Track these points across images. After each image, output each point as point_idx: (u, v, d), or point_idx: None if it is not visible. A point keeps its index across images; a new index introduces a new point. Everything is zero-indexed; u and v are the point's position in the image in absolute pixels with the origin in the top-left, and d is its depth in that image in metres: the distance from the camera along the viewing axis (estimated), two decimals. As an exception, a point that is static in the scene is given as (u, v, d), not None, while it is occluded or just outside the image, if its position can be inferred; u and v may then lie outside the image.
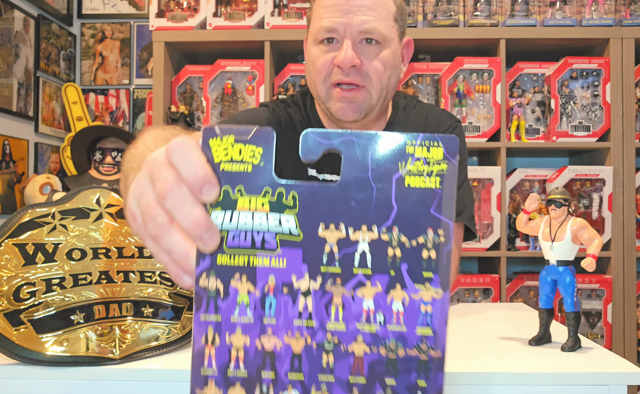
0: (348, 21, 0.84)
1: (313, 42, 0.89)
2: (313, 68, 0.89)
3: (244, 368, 0.36)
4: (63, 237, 0.56)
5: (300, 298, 0.36)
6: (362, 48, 0.86)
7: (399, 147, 0.36)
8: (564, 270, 0.59)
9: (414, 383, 0.36)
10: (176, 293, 0.59)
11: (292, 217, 0.36)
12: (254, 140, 0.36)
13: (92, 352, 0.52)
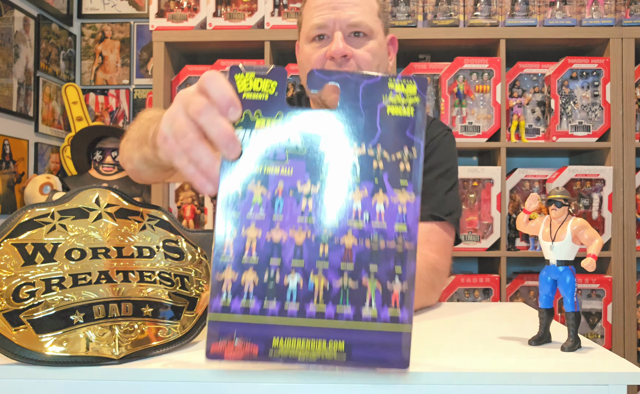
0: (336, 16, 0.92)
1: (305, 41, 0.97)
2: (308, 64, 0.95)
3: (255, 255, 0.45)
4: (62, 237, 0.56)
5: (303, 200, 0.45)
6: (351, 40, 0.93)
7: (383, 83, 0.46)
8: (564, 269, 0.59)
9: (392, 269, 0.45)
10: (176, 293, 0.59)
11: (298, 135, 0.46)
12: (271, 75, 0.46)
13: (92, 352, 0.52)
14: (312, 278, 0.45)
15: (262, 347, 0.46)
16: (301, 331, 0.45)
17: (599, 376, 0.51)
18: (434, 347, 0.61)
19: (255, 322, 0.45)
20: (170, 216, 0.63)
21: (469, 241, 1.91)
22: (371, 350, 0.46)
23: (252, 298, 0.45)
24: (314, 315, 0.45)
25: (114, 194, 0.61)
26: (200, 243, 0.65)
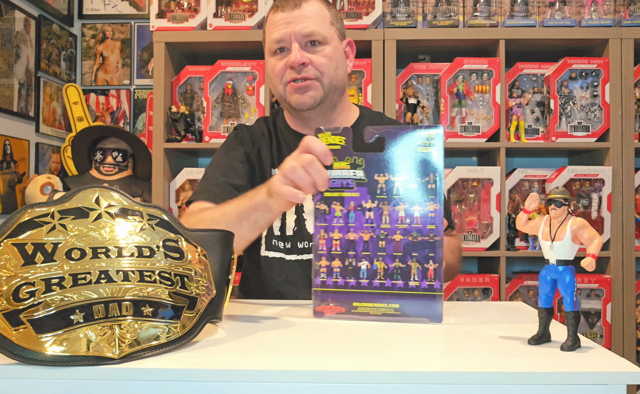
0: (292, 30, 1.04)
1: (269, 55, 1.09)
2: (272, 74, 1.09)
3: (339, 249, 0.73)
4: (62, 237, 0.56)
5: (367, 212, 0.73)
6: (307, 49, 1.05)
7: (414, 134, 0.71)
8: (564, 269, 0.59)
9: (427, 254, 0.71)
10: (176, 293, 0.59)
11: (361, 171, 0.73)
12: (341, 133, 0.74)
13: (92, 352, 0.52)
14: (375, 263, 0.72)
15: (346, 308, 0.73)
16: (370, 297, 0.72)
17: (599, 376, 0.51)
18: (434, 347, 0.61)
19: (341, 291, 0.73)
20: (170, 216, 0.63)
21: (469, 241, 1.92)
22: (416, 309, 0.71)
23: (338, 276, 0.73)
24: (378, 286, 0.72)
25: (114, 194, 0.61)
26: (200, 242, 0.65)
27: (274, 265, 1.06)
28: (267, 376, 0.52)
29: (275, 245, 1.07)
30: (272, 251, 1.08)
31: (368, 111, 1.21)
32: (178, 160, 2.06)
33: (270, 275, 1.06)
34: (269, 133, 1.15)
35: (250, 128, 1.17)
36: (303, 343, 0.62)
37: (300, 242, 1.06)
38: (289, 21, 1.04)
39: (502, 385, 0.51)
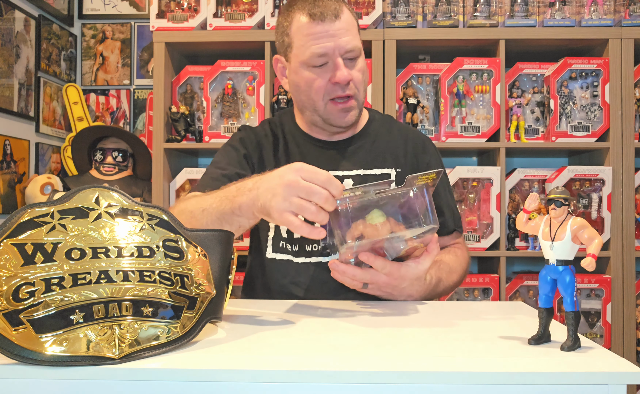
0: (335, 44, 1.01)
1: (302, 66, 1.05)
2: (310, 89, 1.05)
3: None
4: (62, 237, 0.56)
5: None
6: (347, 64, 1.03)
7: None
8: (564, 269, 0.59)
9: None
10: (176, 293, 0.59)
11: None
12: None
13: (92, 352, 0.52)
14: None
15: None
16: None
17: (599, 376, 0.51)
18: (434, 347, 0.61)
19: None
20: (170, 216, 0.63)
21: (469, 241, 1.91)
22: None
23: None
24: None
25: (114, 194, 0.61)
26: (200, 242, 0.65)
27: (281, 267, 1.05)
28: (267, 376, 0.52)
29: (284, 247, 1.06)
30: (280, 254, 1.06)
31: (378, 114, 1.20)
32: (178, 160, 2.06)
33: (276, 277, 1.05)
34: (273, 135, 1.14)
35: (254, 130, 1.16)
36: (303, 343, 0.62)
37: (308, 245, 1.05)
38: (332, 34, 1.00)
39: (502, 385, 0.51)
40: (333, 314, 0.80)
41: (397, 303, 0.91)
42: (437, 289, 0.97)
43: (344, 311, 0.82)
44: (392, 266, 0.86)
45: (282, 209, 0.75)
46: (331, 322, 0.74)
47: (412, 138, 1.15)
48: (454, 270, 1.03)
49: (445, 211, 1.11)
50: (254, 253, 1.11)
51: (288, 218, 0.75)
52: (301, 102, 1.09)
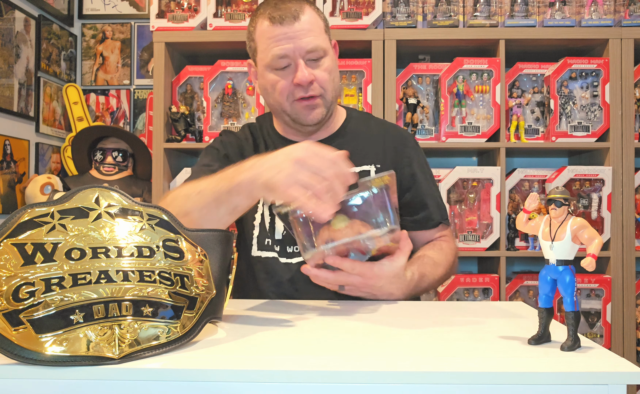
0: (295, 46, 1.01)
1: (267, 69, 1.05)
2: (274, 91, 1.06)
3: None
4: (62, 237, 0.56)
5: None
6: (310, 64, 1.03)
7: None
8: (564, 269, 0.59)
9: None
10: (176, 293, 0.59)
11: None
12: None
13: (92, 352, 0.52)
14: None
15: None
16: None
17: (599, 376, 0.51)
18: (434, 347, 0.61)
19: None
20: (170, 216, 0.63)
21: (469, 241, 1.91)
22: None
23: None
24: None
25: (114, 194, 0.61)
26: (200, 242, 0.65)
27: (268, 265, 1.05)
28: (267, 376, 0.52)
29: (269, 245, 1.06)
30: (266, 251, 1.06)
31: (356, 112, 1.20)
32: (178, 160, 2.06)
33: (265, 276, 1.05)
34: (253, 139, 1.15)
35: (235, 134, 1.17)
36: (303, 343, 0.62)
37: (289, 246, 1.05)
38: (291, 36, 1.01)
39: (502, 385, 0.51)
40: (333, 314, 0.80)
41: (397, 303, 0.91)
42: (422, 284, 0.97)
43: (344, 311, 0.82)
44: (363, 266, 0.87)
45: (289, 183, 0.73)
46: (331, 322, 0.74)
47: (392, 133, 1.15)
48: (438, 263, 1.03)
49: (429, 204, 1.10)
50: (240, 253, 1.11)
51: (294, 192, 0.73)
52: (270, 105, 1.11)
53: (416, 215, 1.09)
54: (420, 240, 1.09)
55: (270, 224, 1.07)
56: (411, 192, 1.10)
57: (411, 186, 1.11)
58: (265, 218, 1.08)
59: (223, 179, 0.84)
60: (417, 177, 1.11)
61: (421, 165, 1.14)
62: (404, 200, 1.09)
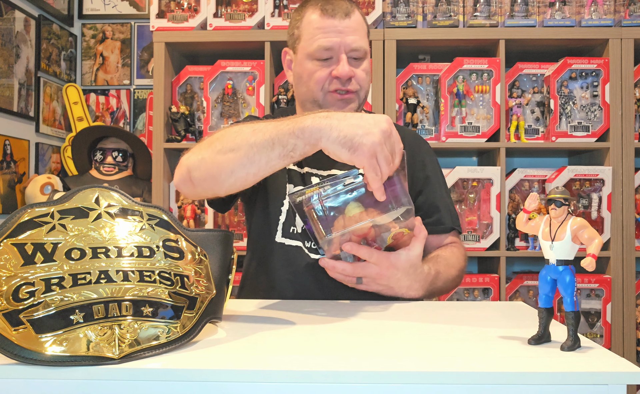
0: (342, 40, 1.03)
1: (307, 58, 1.06)
2: (310, 79, 1.06)
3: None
4: (62, 237, 0.56)
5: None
6: (351, 62, 1.05)
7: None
8: (564, 269, 0.59)
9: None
10: (176, 293, 0.59)
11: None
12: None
13: (92, 352, 0.52)
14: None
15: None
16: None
17: (599, 376, 0.51)
18: (434, 347, 0.61)
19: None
20: (170, 216, 0.63)
21: (469, 241, 1.91)
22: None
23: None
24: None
25: (114, 194, 0.61)
26: (200, 242, 0.65)
27: (290, 253, 1.03)
28: (267, 376, 0.52)
29: (294, 233, 1.05)
30: (290, 239, 1.05)
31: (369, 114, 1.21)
32: (178, 160, 2.06)
33: (283, 263, 1.03)
34: None
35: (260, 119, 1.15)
36: (303, 343, 0.62)
37: (307, 241, 1.04)
38: (340, 30, 1.03)
39: (502, 385, 0.51)
40: (333, 314, 0.80)
41: (397, 303, 0.91)
42: (437, 282, 0.97)
43: (344, 311, 0.82)
44: (380, 254, 0.87)
45: (374, 151, 0.75)
46: (331, 322, 0.74)
47: (408, 137, 1.16)
48: (452, 264, 1.03)
49: (441, 209, 1.10)
50: (258, 239, 1.09)
51: (375, 164, 0.76)
52: (302, 94, 1.10)
53: (428, 219, 1.09)
54: (431, 244, 1.08)
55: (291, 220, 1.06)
56: (423, 195, 1.11)
57: (424, 189, 1.11)
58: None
59: (285, 120, 0.81)
60: (431, 181, 1.12)
61: (435, 171, 1.15)
62: (416, 203, 1.09)
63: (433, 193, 1.11)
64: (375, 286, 0.90)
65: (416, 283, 0.91)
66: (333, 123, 0.77)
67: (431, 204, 1.10)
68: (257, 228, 1.11)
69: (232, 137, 0.84)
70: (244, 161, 0.81)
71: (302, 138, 0.78)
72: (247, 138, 0.81)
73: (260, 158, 0.80)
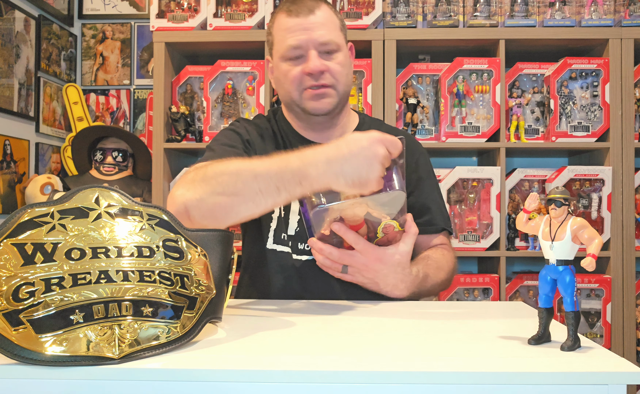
0: (309, 37, 1.04)
1: (281, 60, 1.08)
2: (286, 80, 1.08)
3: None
4: (62, 237, 0.56)
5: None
6: (323, 56, 1.06)
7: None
8: (564, 269, 0.59)
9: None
10: (176, 293, 0.59)
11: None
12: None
13: (92, 352, 0.52)
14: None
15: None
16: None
17: (599, 376, 0.51)
18: (434, 347, 0.61)
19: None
20: (170, 216, 0.63)
21: (469, 241, 1.92)
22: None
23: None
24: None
25: (114, 194, 0.61)
26: (200, 242, 0.65)
27: (282, 259, 1.05)
28: (267, 376, 0.52)
29: (284, 239, 1.07)
30: (280, 245, 1.07)
31: (368, 118, 1.22)
32: (178, 160, 2.06)
33: (277, 269, 1.05)
34: (271, 129, 1.15)
35: (253, 122, 1.17)
36: (303, 343, 0.62)
37: (300, 243, 1.06)
38: (305, 27, 1.04)
39: (502, 385, 0.51)
40: (333, 314, 0.80)
41: (397, 303, 0.91)
42: (425, 284, 0.98)
43: (344, 311, 0.82)
44: (367, 244, 0.89)
45: (378, 176, 0.81)
46: (331, 322, 0.74)
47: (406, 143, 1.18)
48: (441, 267, 1.04)
49: (432, 208, 1.11)
50: (252, 245, 1.11)
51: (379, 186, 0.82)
52: (283, 96, 1.12)
53: (419, 219, 1.09)
54: (421, 245, 1.09)
55: (285, 219, 1.08)
56: (415, 196, 1.11)
57: (415, 189, 1.12)
58: (282, 213, 1.09)
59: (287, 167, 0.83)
60: (423, 182, 1.13)
61: (428, 172, 1.16)
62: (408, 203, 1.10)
63: (425, 193, 1.12)
64: (360, 278, 0.91)
65: (402, 283, 0.92)
66: (337, 169, 0.80)
67: (423, 204, 1.11)
68: (251, 236, 1.13)
69: (232, 181, 0.85)
70: (249, 205, 0.84)
71: (308, 187, 0.83)
72: (251, 185, 0.83)
73: (267, 202, 0.84)
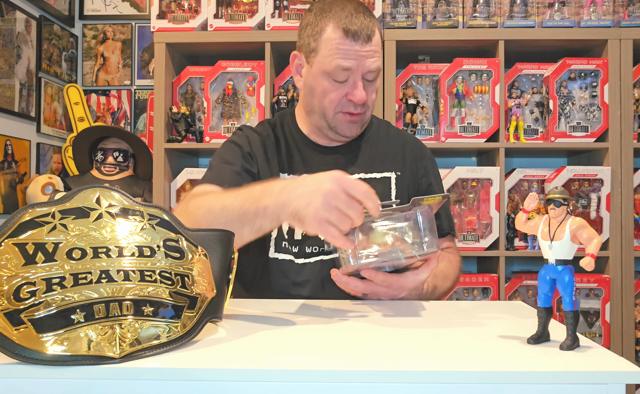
0: (361, 64, 1.02)
1: (323, 74, 1.04)
2: (324, 96, 1.06)
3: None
4: (63, 237, 0.56)
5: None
6: (365, 83, 1.05)
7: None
8: (563, 269, 0.60)
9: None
10: (176, 292, 0.59)
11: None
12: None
13: (93, 351, 0.52)
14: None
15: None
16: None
17: (598, 375, 0.52)
18: (434, 347, 0.61)
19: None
20: (171, 216, 0.63)
21: (468, 241, 1.92)
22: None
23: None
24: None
25: (114, 194, 0.61)
26: (200, 242, 0.65)
27: (283, 267, 1.06)
28: (267, 376, 0.52)
29: (286, 247, 1.07)
30: (282, 254, 1.07)
31: (376, 119, 1.22)
32: (179, 160, 2.06)
33: (278, 277, 1.06)
34: (275, 136, 1.14)
35: (256, 130, 1.16)
36: (303, 343, 0.62)
37: (308, 247, 1.06)
38: (360, 55, 1.01)
39: (501, 385, 0.52)
40: (333, 314, 0.81)
41: (397, 303, 0.91)
42: (433, 296, 1.01)
43: (344, 311, 0.82)
44: (392, 278, 0.89)
45: (320, 218, 0.74)
46: (331, 322, 0.74)
47: (410, 143, 1.18)
48: (448, 276, 1.06)
49: (440, 213, 1.12)
50: (256, 253, 1.11)
51: (326, 228, 0.74)
52: (311, 105, 1.10)
53: None
54: None
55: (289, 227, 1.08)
56: None
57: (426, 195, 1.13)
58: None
59: (250, 198, 0.84)
60: (433, 187, 1.15)
61: (436, 177, 1.18)
62: None
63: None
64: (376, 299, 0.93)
65: (412, 297, 0.95)
66: (285, 198, 0.79)
67: None
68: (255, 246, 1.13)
69: (205, 217, 0.88)
70: None
71: (265, 217, 0.81)
72: (219, 218, 0.86)
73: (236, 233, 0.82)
